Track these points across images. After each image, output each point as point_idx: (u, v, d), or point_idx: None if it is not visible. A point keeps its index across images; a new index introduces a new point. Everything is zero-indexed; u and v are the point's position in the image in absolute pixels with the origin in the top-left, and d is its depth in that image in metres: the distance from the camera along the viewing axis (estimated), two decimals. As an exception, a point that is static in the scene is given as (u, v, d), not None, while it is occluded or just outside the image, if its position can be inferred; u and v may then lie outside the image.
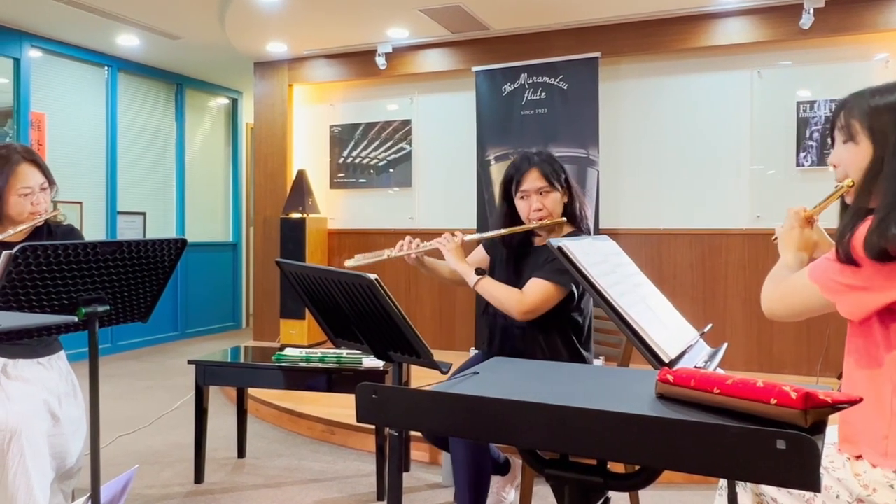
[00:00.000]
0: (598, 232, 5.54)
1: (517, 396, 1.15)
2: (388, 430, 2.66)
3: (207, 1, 5.51)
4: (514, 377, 1.48)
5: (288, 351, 3.58)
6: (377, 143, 6.73)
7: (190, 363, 3.58)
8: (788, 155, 5.36)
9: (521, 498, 2.57)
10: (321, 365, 3.39)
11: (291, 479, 3.62)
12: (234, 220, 8.80)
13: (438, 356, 2.16)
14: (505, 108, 5.98)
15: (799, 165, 5.32)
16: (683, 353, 1.67)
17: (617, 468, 1.43)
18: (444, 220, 6.34)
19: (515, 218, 2.81)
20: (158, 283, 2.29)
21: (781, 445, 0.95)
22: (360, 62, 6.59)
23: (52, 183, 2.71)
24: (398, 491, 2.17)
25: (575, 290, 2.67)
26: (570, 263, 1.61)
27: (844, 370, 1.68)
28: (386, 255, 2.82)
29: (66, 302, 2.03)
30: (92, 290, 2.07)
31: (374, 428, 3.47)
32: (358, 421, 1.26)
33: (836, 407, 1.04)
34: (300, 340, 6.40)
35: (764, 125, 5.45)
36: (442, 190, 6.49)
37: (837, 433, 1.66)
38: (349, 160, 6.85)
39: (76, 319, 2.02)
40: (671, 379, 1.21)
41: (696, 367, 1.53)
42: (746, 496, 1.75)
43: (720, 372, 1.27)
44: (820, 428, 1.05)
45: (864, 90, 1.64)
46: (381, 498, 3.33)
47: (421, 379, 1.81)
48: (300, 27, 6.02)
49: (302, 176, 6.68)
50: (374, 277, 2.01)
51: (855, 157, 1.63)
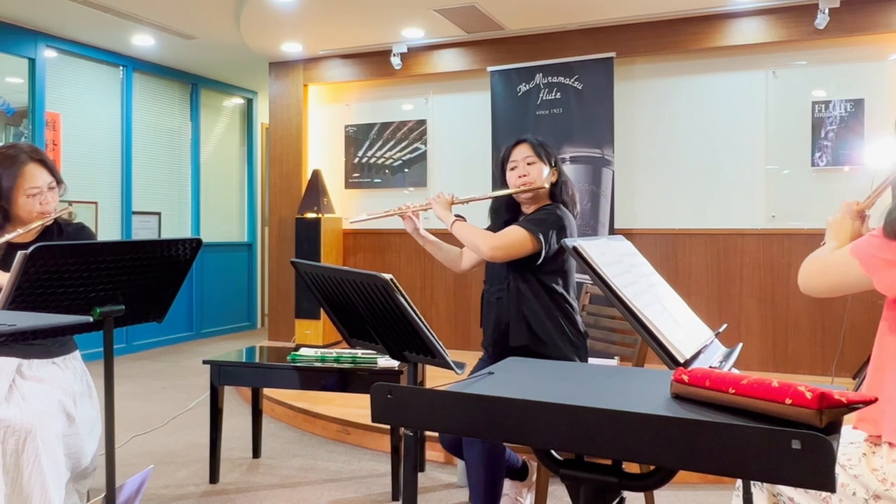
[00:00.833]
0: (613, 232, 5.53)
1: (532, 396, 1.15)
2: (403, 430, 2.67)
3: (223, 1, 5.54)
4: (529, 377, 1.48)
5: (303, 351, 3.59)
6: (392, 143, 6.74)
7: (205, 363, 3.59)
8: (803, 155, 5.33)
9: (536, 497, 2.58)
10: (336, 365, 3.40)
11: (306, 479, 3.64)
12: (249, 220, 8.83)
13: (453, 356, 2.16)
14: (520, 108, 5.97)
15: (814, 165, 5.29)
16: (698, 353, 1.67)
17: (632, 468, 1.43)
18: (458, 220, 6.31)
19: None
20: (174, 283, 2.29)
21: (796, 445, 0.95)
22: (375, 62, 6.61)
23: (59, 182, 2.70)
24: (413, 491, 2.18)
25: (544, 245, 2.69)
26: (585, 263, 1.62)
27: (877, 339, 1.67)
28: (389, 211, 3.14)
29: (81, 302, 2.03)
30: (107, 289, 2.07)
31: (389, 428, 3.48)
32: (373, 421, 1.26)
33: (851, 407, 1.04)
34: (315, 340, 6.42)
35: (779, 125, 5.42)
36: (457, 190, 6.45)
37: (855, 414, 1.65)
38: (364, 160, 6.87)
39: (91, 319, 1.99)
40: (686, 379, 1.21)
41: (711, 367, 1.52)
42: (762, 496, 1.75)
43: (735, 372, 1.27)
44: (835, 428, 1.05)
45: None
46: (396, 498, 3.34)
47: (436, 379, 1.81)
48: (315, 27, 6.04)
49: (317, 176, 6.70)
50: (389, 277, 2.01)
51: None
